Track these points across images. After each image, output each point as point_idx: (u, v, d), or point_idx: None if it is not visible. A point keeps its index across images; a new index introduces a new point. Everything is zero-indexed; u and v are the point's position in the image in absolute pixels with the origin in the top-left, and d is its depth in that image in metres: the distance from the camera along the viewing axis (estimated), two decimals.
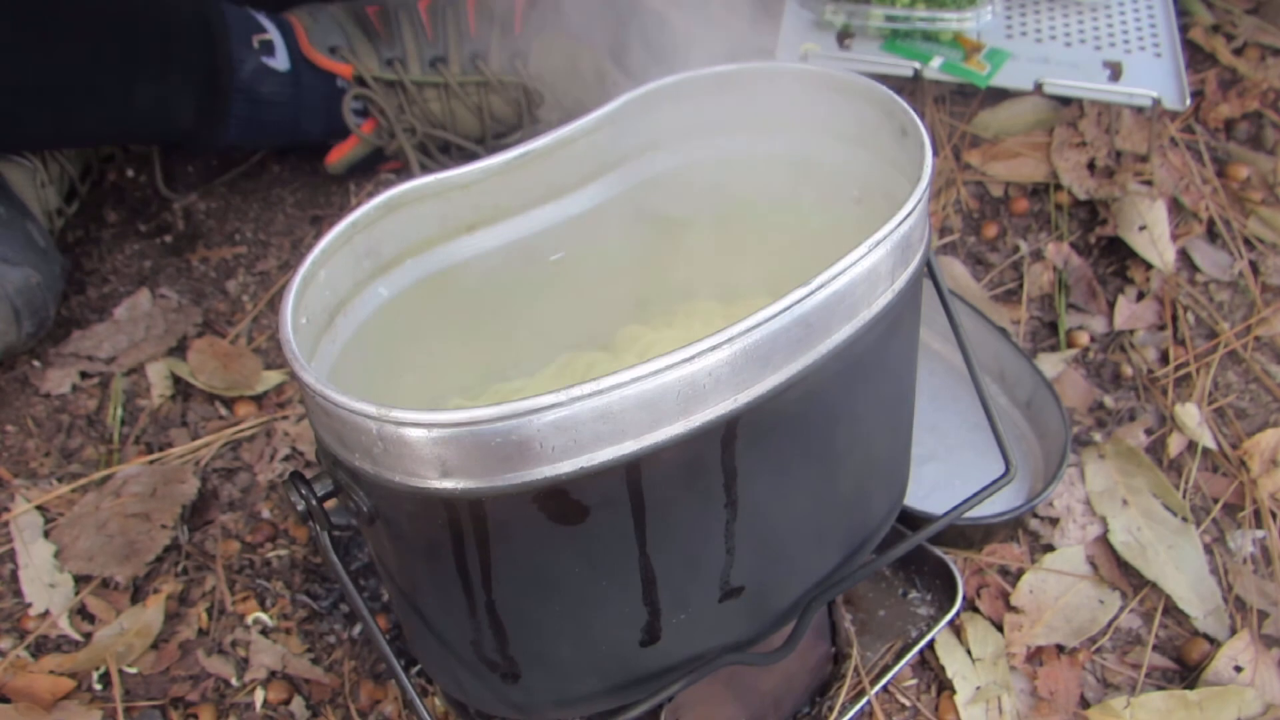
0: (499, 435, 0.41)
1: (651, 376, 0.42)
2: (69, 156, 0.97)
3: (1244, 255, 0.96)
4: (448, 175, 0.55)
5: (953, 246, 0.98)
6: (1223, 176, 1.02)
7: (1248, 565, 0.77)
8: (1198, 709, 0.69)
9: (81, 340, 0.90)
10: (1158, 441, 0.84)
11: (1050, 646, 0.72)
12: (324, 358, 0.53)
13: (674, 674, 0.56)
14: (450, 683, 0.58)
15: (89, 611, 0.73)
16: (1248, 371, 0.89)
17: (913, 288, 0.52)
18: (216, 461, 0.82)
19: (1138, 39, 0.97)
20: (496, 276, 0.61)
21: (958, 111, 1.07)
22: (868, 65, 0.92)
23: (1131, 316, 0.92)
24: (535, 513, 0.45)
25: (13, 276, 0.82)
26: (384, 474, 0.44)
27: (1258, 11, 1.17)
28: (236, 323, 0.92)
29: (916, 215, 0.49)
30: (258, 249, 0.99)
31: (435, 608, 0.53)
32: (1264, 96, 1.08)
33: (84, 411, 0.86)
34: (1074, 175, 1.00)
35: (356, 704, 0.69)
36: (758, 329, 0.44)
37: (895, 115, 0.55)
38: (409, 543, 0.49)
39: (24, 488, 0.80)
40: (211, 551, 0.77)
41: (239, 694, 0.70)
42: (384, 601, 0.74)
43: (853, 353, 0.49)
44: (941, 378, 0.86)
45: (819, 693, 0.69)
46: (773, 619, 0.59)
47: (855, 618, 0.72)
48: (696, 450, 0.46)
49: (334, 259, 0.52)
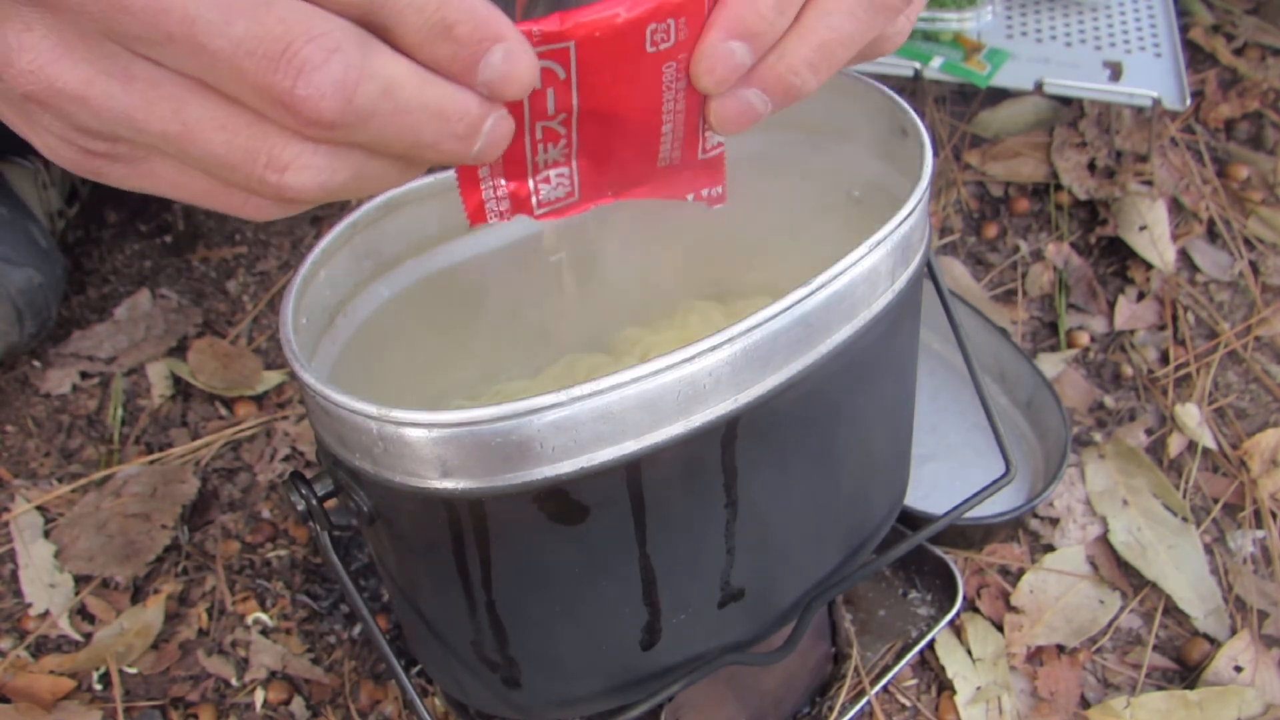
0: (499, 435, 0.41)
1: (652, 377, 0.42)
2: None
3: (1244, 255, 0.96)
4: (448, 175, 0.55)
5: (953, 246, 0.98)
6: (1223, 177, 1.02)
7: (1248, 565, 0.77)
8: (1198, 709, 0.69)
9: (82, 340, 0.90)
10: (1158, 441, 0.84)
11: (1050, 646, 0.72)
12: (324, 358, 0.53)
13: (674, 674, 0.56)
14: (450, 683, 0.58)
15: (89, 611, 0.73)
16: (1248, 372, 0.89)
17: (913, 288, 0.52)
18: (216, 461, 0.82)
19: (1138, 39, 0.97)
20: (496, 276, 0.61)
21: (958, 111, 1.07)
22: (868, 65, 0.92)
23: (1132, 316, 0.92)
24: (535, 513, 0.45)
25: (15, 277, 0.82)
26: (384, 474, 0.44)
27: (1258, 11, 1.17)
28: (236, 323, 0.92)
29: (917, 215, 0.49)
30: (258, 249, 0.99)
31: (435, 608, 0.53)
32: (1264, 96, 1.08)
33: (84, 411, 0.86)
34: (1074, 175, 1.00)
35: (357, 704, 0.69)
36: (758, 329, 0.44)
37: (895, 115, 0.55)
38: (409, 543, 0.49)
39: (24, 488, 0.80)
40: (211, 551, 0.77)
41: (239, 694, 0.70)
42: (384, 601, 0.74)
43: (853, 353, 0.49)
44: (941, 378, 0.86)
45: (819, 693, 0.69)
46: (773, 619, 0.59)
47: (855, 618, 0.72)
48: (697, 450, 0.46)
49: (334, 259, 0.52)
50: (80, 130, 0.30)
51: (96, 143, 0.30)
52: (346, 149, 0.29)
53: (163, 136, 0.29)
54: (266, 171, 0.29)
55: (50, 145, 0.31)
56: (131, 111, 0.28)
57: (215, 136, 0.29)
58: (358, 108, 0.27)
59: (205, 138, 0.29)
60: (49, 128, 0.30)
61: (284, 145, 0.29)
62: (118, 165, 0.32)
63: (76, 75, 0.28)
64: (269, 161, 0.29)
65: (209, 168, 0.30)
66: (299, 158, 0.29)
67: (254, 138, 0.29)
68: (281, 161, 0.29)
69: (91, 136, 0.30)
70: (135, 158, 0.31)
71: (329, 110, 0.27)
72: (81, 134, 0.30)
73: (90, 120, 0.29)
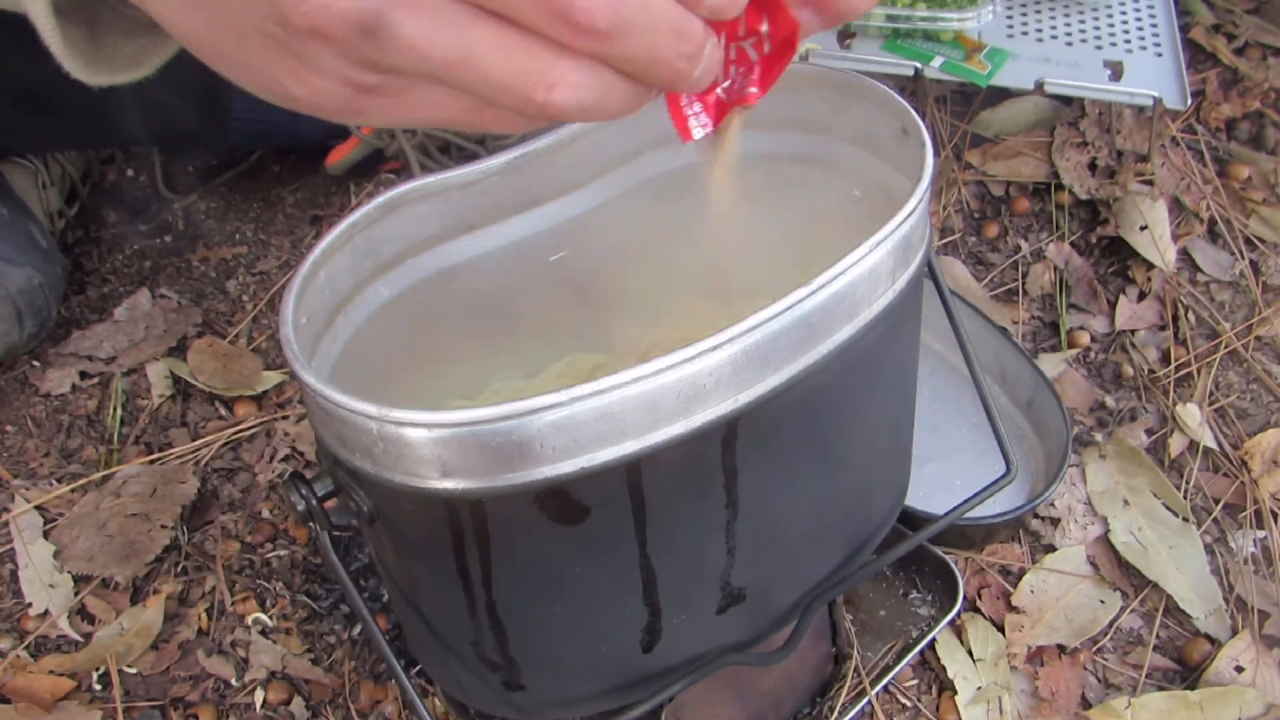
0: (499, 435, 0.41)
1: (652, 377, 0.42)
2: (70, 158, 0.97)
3: (1245, 255, 0.96)
4: (448, 175, 0.55)
5: (954, 246, 0.98)
6: (1224, 176, 1.02)
7: (1249, 565, 0.77)
8: (1199, 709, 0.69)
9: (81, 340, 0.89)
10: (1159, 441, 0.84)
11: (1051, 647, 0.72)
12: (324, 358, 0.53)
13: (674, 674, 0.56)
14: (450, 683, 0.58)
15: (89, 612, 0.73)
16: (1249, 371, 0.88)
17: (913, 288, 0.52)
18: (216, 461, 0.82)
19: (1139, 38, 0.97)
20: (496, 276, 0.60)
21: (959, 111, 1.07)
22: (869, 65, 0.92)
23: (1132, 316, 0.92)
24: (536, 513, 0.45)
25: (15, 277, 0.82)
26: (384, 474, 0.44)
27: (1259, 11, 1.17)
28: (236, 323, 0.92)
29: (917, 215, 0.49)
30: (258, 249, 0.99)
31: (435, 608, 0.53)
32: (1265, 96, 1.08)
33: (84, 411, 0.86)
34: (1075, 175, 1.00)
35: (356, 704, 0.69)
36: (758, 329, 0.44)
37: (896, 115, 0.55)
38: (409, 543, 0.49)
39: (24, 488, 0.80)
40: (211, 551, 0.77)
41: (239, 694, 0.70)
42: (384, 601, 0.74)
43: (853, 353, 0.49)
44: (942, 378, 0.86)
45: (820, 693, 0.69)
46: (773, 619, 0.59)
47: (856, 618, 0.72)
48: (697, 450, 0.46)
49: (334, 259, 0.52)
50: (360, 64, 0.31)
51: (371, 76, 0.31)
52: (601, 67, 0.31)
53: (443, 63, 0.30)
54: (536, 90, 0.31)
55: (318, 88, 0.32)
56: (418, 40, 0.30)
57: (493, 58, 0.30)
58: (624, 19, 0.30)
59: (485, 60, 0.30)
60: (327, 67, 0.31)
61: (553, 64, 0.30)
62: (385, 99, 0.33)
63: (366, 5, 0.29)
64: (539, 80, 0.31)
65: (482, 90, 0.31)
66: (564, 76, 0.31)
67: (527, 58, 0.30)
68: (550, 80, 0.31)
69: (369, 70, 0.31)
70: (403, 89, 0.32)
71: (602, 18, 0.29)
72: (360, 68, 0.31)
73: (375, 52, 0.30)
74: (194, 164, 1.06)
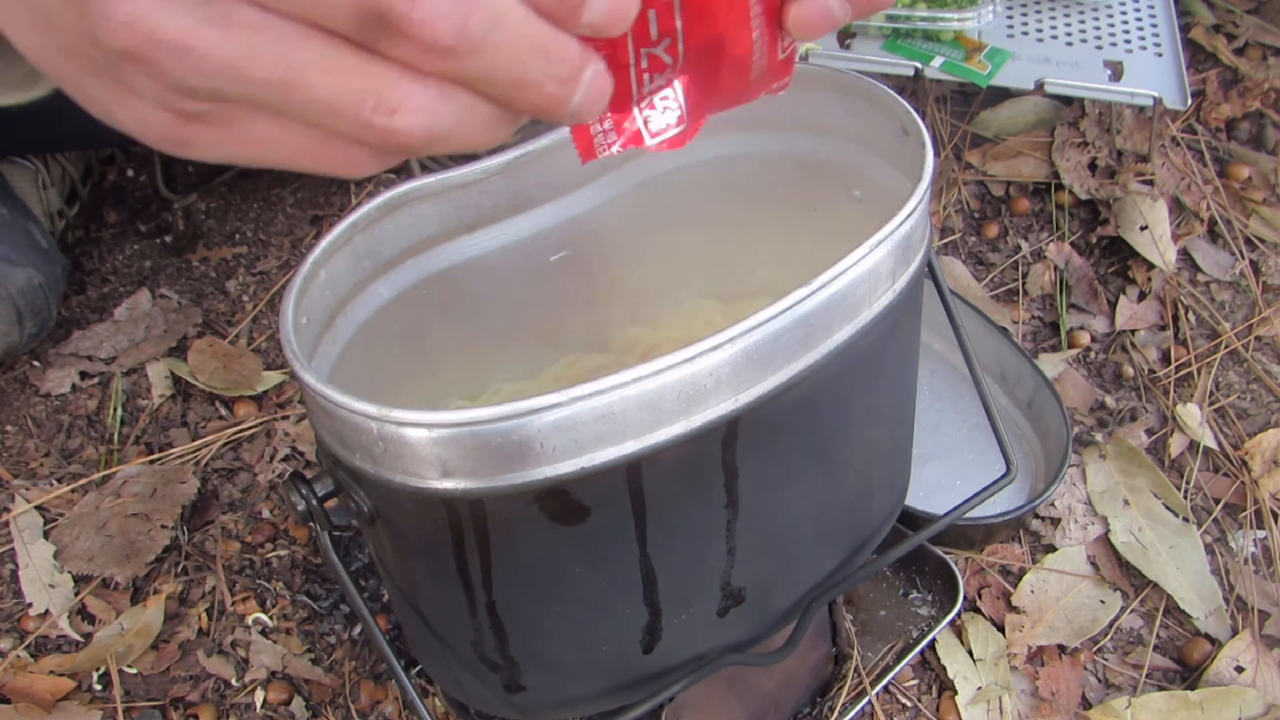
0: (500, 435, 0.41)
1: (652, 377, 0.42)
2: (70, 158, 0.97)
3: (1245, 255, 0.96)
4: (448, 175, 0.55)
5: (954, 246, 0.98)
6: (1224, 176, 1.02)
7: (1249, 565, 0.76)
8: (1199, 709, 0.69)
9: (81, 340, 0.89)
10: (1159, 441, 0.84)
11: (1051, 647, 0.72)
12: (324, 358, 0.53)
13: (675, 674, 0.56)
14: (450, 683, 0.58)
15: (89, 612, 0.73)
16: (1249, 371, 0.88)
17: (914, 288, 0.52)
18: (216, 461, 0.82)
19: (1139, 38, 0.97)
20: (496, 276, 0.60)
21: (959, 111, 1.07)
22: (869, 65, 0.92)
23: (1133, 316, 0.92)
24: (536, 513, 0.45)
25: (15, 277, 0.82)
26: (384, 474, 0.44)
27: (1259, 11, 1.17)
28: (236, 323, 0.92)
29: (917, 215, 0.49)
30: (258, 249, 0.99)
31: (435, 608, 0.53)
32: (1265, 96, 1.08)
33: (84, 411, 0.86)
34: (1075, 175, 1.00)
35: (357, 704, 0.69)
36: (759, 329, 0.44)
37: (896, 115, 0.55)
38: (409, 543, 0.49)
39: (24, 488, 0.80)
40: (211, 552, 0.77)
41: (239, 694, 0.70)
42: (384, 601, 0.74)
43: (854, 353, 0.49)
44: (942, 378, 0.86)
45: (820, 693, 0.69)
46: (774, 619, 0.59)
47: (856, 618, 0.72)
48: (697, 450, 0.46)
49: (334, 259, 0.52)
50: (177, 89, 0.28)
51: (192, 103, 0.29)
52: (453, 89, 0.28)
53: (266, 85, 0.28)
54: (374, 115, 0.28)
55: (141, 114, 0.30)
56: (234, 60, 0.27)
57: (322, 80, 0.28)
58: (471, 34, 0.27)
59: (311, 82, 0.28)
60: (143, 90, 0.29)
61: (393, 85, 0.28)
62: (214, 129, 0.30)
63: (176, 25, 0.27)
64: (378, 104, 0.28)
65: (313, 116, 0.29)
66: (408, 98, 0.28)
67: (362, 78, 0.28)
68: (391, 103, 0.28)
69: (188, 96, 0.29)
70: (231, 118, 0.30)
71: (445, 33, 0.26)
72: (177, 94, 0.29)
73: (189, 75, 0.28)
74: (194, 164, 1.06)
